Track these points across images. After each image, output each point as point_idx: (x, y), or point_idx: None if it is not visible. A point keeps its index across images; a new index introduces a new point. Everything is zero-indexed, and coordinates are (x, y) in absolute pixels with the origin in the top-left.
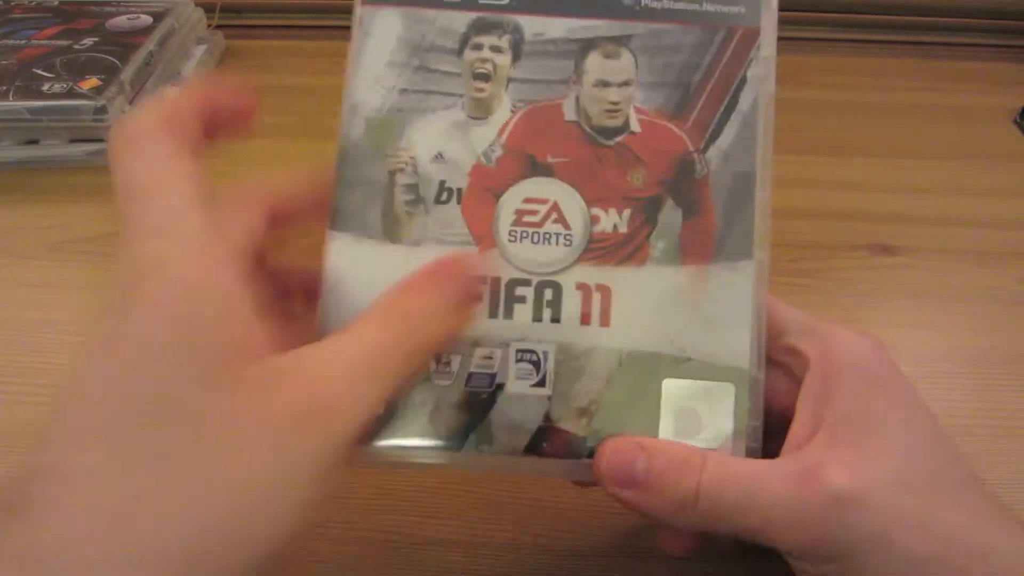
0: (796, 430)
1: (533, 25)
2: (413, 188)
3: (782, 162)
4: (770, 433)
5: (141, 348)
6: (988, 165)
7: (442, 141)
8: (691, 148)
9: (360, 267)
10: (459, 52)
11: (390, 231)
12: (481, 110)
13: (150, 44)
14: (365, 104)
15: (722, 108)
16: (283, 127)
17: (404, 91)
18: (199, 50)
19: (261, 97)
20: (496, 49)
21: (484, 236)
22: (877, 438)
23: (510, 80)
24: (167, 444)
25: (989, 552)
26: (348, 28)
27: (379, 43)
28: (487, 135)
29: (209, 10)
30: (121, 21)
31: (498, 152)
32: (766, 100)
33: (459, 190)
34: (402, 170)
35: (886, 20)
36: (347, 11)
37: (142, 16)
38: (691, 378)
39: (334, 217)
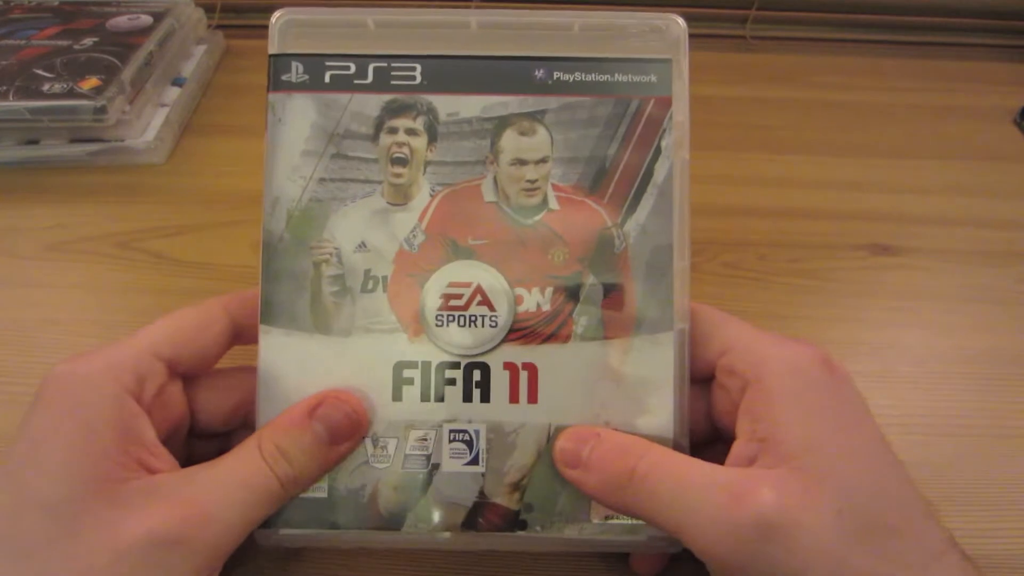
0: (736, 450)
1: (447, 105)
2: (339, 279)
3: (783, 162)
4: (718, 453)
5: (39, 445)
6: (988, 165)
7: (364, 230)
8: (609, 223)
9: (292, 360)
10: (374, 137)
11: (319, 323)
12: (400, 196)
13: (150, 44)
14: (285, 195)
15: (638, 181)
16: None
17: (322, 180)
18: (199, 50)
19: (260, 97)
20: (411, 132)
21: (411, 322)
22: (814, 466)
23: (427, 163)
24: (49, 546)
25: None
26: None
27: (294, 132)
28: (408, 221)
29: (209, 10)
30: (121, 21)
31: (420, 238)
32: (680, 168)
33: (384, 278)
34: (327, 261)
35: (886, 20)
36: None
37: (142, 16)
38: None
39: (264, 311)
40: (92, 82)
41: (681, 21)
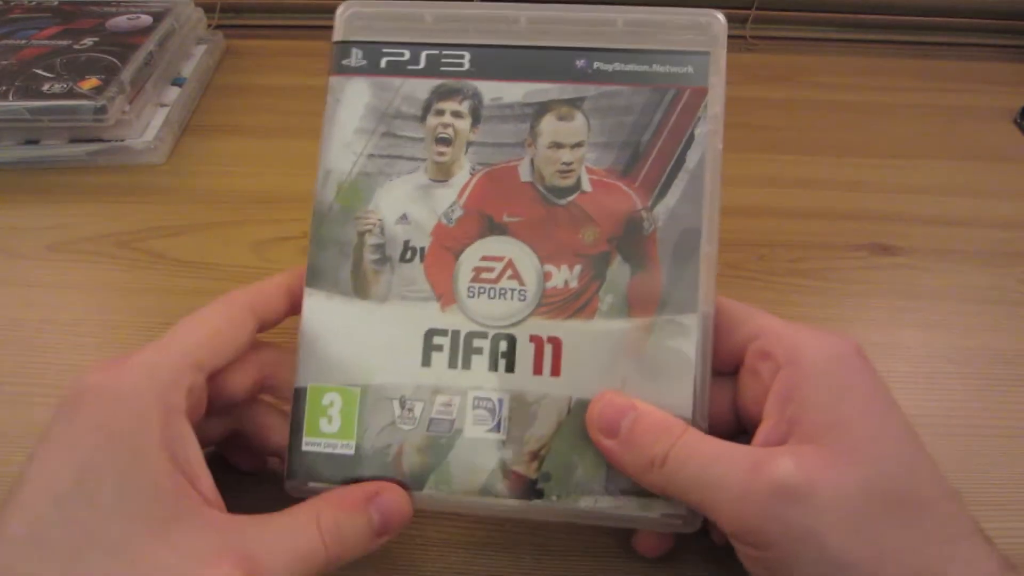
0: (764, 430)
1: (491, 90)
2: (380, 248)
3: (783, 162)
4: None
5: (87, 475)
6: (988, 165)
7: (407, 203)
8: (639, 206)
9: (332, 322)
10: (422, 118)
11: (359, 288)
12: (442, 173)
13: (150, 44)
14: (337, 168)
15: (670, 166)
16: (282, 127)
17: (372, 156)
18: (199, 50)
19: (260, 97)
20: (457, 114)
21: (445, 292)
22: (842, 441)
23: (469, 144)
24: None
25: (925, 573)
26: None
27: (349, 111)
28: (448, 197)
29: (209, 10)
30: (121, 21)
31: (458, 213)
32: (713, 157)
33: (422, 249)
34: (370, 231)
35: (886, 20)
36: None
37: (142, 16)
38: None
39: (309, 275)
40: (92, 82)
41: (722, 17)
